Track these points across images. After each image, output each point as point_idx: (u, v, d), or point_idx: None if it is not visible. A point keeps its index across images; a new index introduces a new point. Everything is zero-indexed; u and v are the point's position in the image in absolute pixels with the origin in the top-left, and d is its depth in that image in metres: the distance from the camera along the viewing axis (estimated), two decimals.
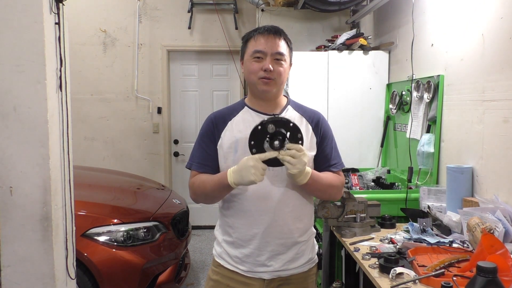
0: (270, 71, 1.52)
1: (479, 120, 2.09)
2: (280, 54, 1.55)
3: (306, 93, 3.24)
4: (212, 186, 1.51)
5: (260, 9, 4.21)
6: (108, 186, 3.39)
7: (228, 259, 1.60)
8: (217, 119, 1.61)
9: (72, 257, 2.18)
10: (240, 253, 1.57)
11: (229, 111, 1.63)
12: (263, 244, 1.55)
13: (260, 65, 1.54)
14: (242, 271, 1.58)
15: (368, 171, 2.96)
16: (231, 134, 1.57)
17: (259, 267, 1.56)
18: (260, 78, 1.54)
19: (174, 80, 5.05)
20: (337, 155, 1.66)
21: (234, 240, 1.58)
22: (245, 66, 1.59)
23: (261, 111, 1.59)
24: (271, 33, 1.55)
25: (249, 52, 1.57)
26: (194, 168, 1.61)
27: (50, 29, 1.98)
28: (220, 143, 1.57)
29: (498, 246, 1.39)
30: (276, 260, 1.56)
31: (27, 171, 1.95)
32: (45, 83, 1.93)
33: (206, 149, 1.59)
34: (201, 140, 1.62)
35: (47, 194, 1.97)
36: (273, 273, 1.57)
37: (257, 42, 1.55)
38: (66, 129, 2.12)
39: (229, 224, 1.60)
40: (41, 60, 1.92)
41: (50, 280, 2.01)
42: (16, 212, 1.97)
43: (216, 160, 1.59)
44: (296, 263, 1.59)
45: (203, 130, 1.63)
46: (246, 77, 1.60)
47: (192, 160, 1.63)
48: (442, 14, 2.49)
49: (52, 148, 1.98)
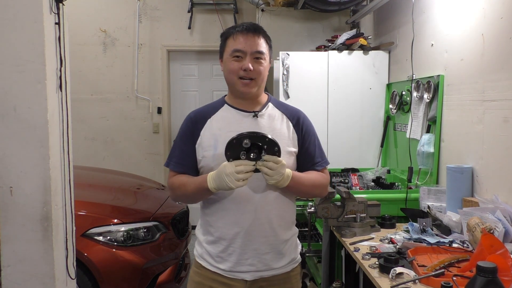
0: (250, 70, 1.51)
1: (479, 120, 2.09)
2: (260, 52, 1.53)
3: (306, 93, 3.24)
4: (193, 189, 1.51)
5: (260, 9, 4.21)
6: (108, 186, 3.39)
7: (210, 259, 1.57)
8: (196, 118, 1.60)
9: (72, 257, 2.18)
10: (222, 251, 1.55)
11: (209, 109, 1.62)
12: (246, 243, 1.53)
13: (239, 64, 1.52)
14: (223, 271, 1.55)
15: (368, 171, 2.96)
16: (210, 132, 1.55)
17: (241, 267, 1.53)
18: (239, 78, 1.53)
19: (174, 80, 5.05)
20: (321, 153, 1.66)
21: (215, 239, 1.56)
22: (225, 65, 1.57)
23: (241, 108, 1.58)
24: (250, 31, 1.53)
25: (228, 51, 1.55)
26: (171, 168, 1.60)
27: (50, 29, 1.98)
28: (200, 141, 1.56)
29: (498, 246, 1.39)
30: (258, 260, 1.53)
31: (27, 171, 1.95)
32: (45, 83, 1.93)
33: (184, 148, 1.58)
34: (179, 139, 1.61)
35: (47, 194, 1.97)
36: (255, 274, 1.54)
37: (236, 41, 1.53)
38: (66, 129, 2.12)
39: (210, 224, 1.58)
40: (41, 60, 1.92)
41: (50, 280, 2.01)
42: (16, 212, 1.97)
43: (194, 159, 1.58)
44: (279, 263, 1.57)
45: (182, 129, 1.62)
46: (225, 76, 1.58)
47: (170, 159, 1.61)
48: (442, 14, 2.49)
49: (52, 148, 1.98)
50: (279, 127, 1.60)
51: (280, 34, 4.20)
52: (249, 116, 1.58)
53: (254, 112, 1.57)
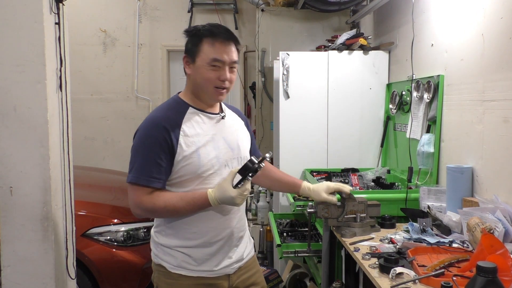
0: (228, 81, 1.52)
1: (479, 120, 2.09)
2: (236, 62, 1.54)
3: (306, 93, 3.24)
4: (189, 209, 1.49)
5: (260, 9, 4.21)
6: (108, 186, 3.40)
7: (190, 265, 1.55)
8: (170, 125, 1.47)
9: (72, 257, 2.18)
10: (207, 253, 1.56)
11: (174, 114, 1.52)
12: (229, 242, 1.60)
13: (217, 74, 1.50)
14: (207, 272, 1.56)
15: (368, 171, 2.96)
16: (189, 140, 1.50)
17: (224, 262, 1.59)
18: (215, 87, 1.52)
19: (174, 80, 5.05)
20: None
21: (200, 242, 1.56)
22: (198, 71, 1.52)
23: (208, 111, 1.59)
24: (230, 39, 1.52)
25: (204, 57, 1.50)
26: (143, 183, 1.44)
27: (50, 29, 1.98)
28: (179, 150, 1.47)
29: (498, 246, 1.38)
30: (237, 252, 1.63)
31: (27, 171, 1.95)
32: (45, 83, 1.93)
33: (159, 161, 1.45)
34: (150, 150, 1.45)
35: (47, 194, 1.97)
36: (236, 265, 1.63)
37: (216, 50, 1.49)
38: (66, 129, 2.12)
39: (193, 231, 1.55)
40: (41, 60, 1.92)
41: (50, 280, 2.01)
42: (16, 212, 1.97)
43: (168, 172, 1.48)
44: (248, 249, 1.71)
45: (152, 138, 1.46)
46: (198, 82, 1.53)
47: (139, 173, 1.45)
48: (442, 14, 2.49)
49: (52, 148, 1.98)
50: (240, 127, 1.71)
51: (280, 34, 4.20)
52: (216, 118, 1.61)
53: (220, 114, 1.62)
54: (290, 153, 3.21)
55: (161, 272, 1.58)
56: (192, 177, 1.51)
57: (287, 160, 3.14)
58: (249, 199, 4.18)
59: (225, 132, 1.60)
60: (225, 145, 1.57)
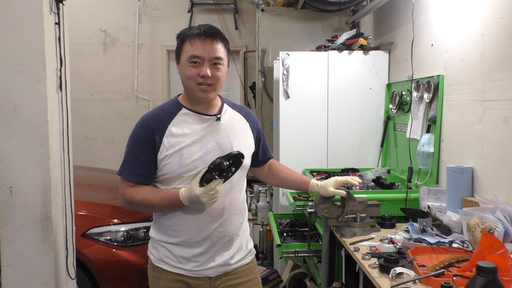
0: (209, 77, 1.50)
1: (479, 120, 2.09)
2: (218, 58, 1.51)
3: (306, 93, 3.24)
4: (162, 205, 1.51)
5: (260, 9, 4.21)
6: (108, 186, 3.40)
7: (171, 261, 1.57)
8: (155, 124, 1.52)
9: (72, 257, 2.18)
10: (187, 253, 1.56)
11: (165, 113, 1.56)
12: (213, 244, 1.57)
13: (197, 70, 1.50)
14: (186, 271, 1.56)
15: (368, 171, 2.96)
16: (174, 140, 1.51)
17: (205, 264, 1.56)
18: (197, 84, 1.51)
19: (174, 80, 5.05)
20: (267, 144, 1.84)
21: (180, 241, 1.56)
22: (182, 70, 1.54)
23: (201, 112, 1.57)
24: (208, 36, 1.50)
25: (185, 55, 1.52)
26: (126, 177, 1.54)
27: (50, 29, 1.98)
28: (162, 149, 1.51)
29: (498, 246, 1.39)
30: (221, 256, 1.59)
31: (27, 171, 1.95)
32: (45, 83, 1.93)
33: (142, 157, 1.51)
34: (134, 146, 1.52)
35: (47, 194, 1.97)
36: (219, 269, 1.59)
37: (194, 46, 1.50)
38: (66, 129, 2.12)
39: (173, 228, 1.57)
40: (41, 60, 1.92)
41: (50, 280, 2.01)
42: (16, 212, 1.97)
43: (150, 168, 1.53)
44: (238, 256, 1.64)
45: (137, 135, 1.53)
46: (182, 81, 1.56)
47: (123, 167, 1.54)
48: (442, 14, 2.49)
49: (52, 148, 1.98)
50: (241, 128, 1.66)
51: (280, 34, 4.20)
52: (211, 119, 1.58)
53: (216, 115, 1.58)
54: (290, 153, 3.21)
55: (150, 264, 1.65)
56: (173, 176, 1.52)
57: (287, 160, 3.14)
58: (249, 199, 4.19)
59: (219, 134, 1.58)
60: (215, 146, 1.55)
